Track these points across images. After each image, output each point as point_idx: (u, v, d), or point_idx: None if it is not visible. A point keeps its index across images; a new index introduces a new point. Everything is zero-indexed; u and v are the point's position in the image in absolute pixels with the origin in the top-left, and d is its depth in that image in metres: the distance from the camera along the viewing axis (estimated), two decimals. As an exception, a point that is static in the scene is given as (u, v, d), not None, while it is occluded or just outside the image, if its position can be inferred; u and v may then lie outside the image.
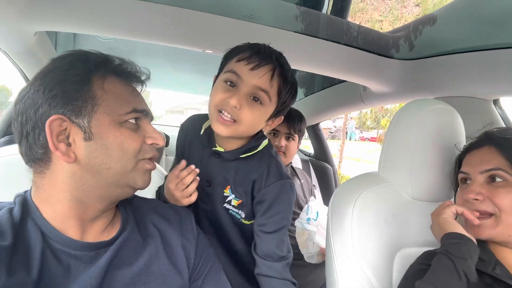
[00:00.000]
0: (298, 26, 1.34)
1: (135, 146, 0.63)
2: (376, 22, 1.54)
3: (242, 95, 0.85)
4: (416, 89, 1.49)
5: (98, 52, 0.64)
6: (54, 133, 0.57)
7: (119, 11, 1.11)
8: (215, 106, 0.88)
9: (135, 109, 0.64)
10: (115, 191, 0.64)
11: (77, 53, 0.63)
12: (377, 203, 0.97)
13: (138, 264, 0.65)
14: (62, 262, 0.58)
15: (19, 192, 0.63)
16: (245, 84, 0.86)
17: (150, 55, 2.07)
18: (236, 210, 0.98)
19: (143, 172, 0.66)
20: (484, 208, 0.75)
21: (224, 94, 0.86)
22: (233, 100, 0.84)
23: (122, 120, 0.62)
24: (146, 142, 0.65)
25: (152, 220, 0.73)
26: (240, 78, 0.86)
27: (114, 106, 0.61)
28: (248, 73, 0.86)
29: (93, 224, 0.64)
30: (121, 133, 0.61)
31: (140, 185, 0.66)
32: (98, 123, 0.59)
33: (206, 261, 0.77)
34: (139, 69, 0.69)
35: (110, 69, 0.64)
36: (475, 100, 1.31)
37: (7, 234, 0.54)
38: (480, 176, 0.77)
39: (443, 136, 0.95)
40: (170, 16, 1.14)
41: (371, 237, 0.94)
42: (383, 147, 1.04)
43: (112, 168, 0.61)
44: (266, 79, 0.86)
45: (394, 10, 1.62)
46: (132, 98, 0.65)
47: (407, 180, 0.97)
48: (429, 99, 1.01)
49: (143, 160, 0.65)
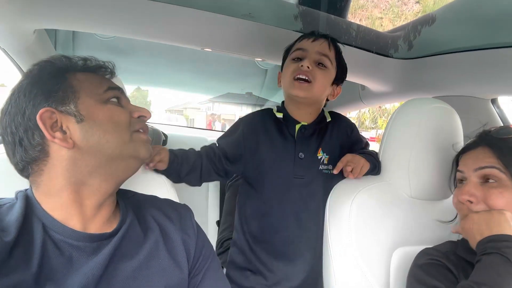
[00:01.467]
0: (297, 25, 1.34)
1: (124, 118, 0.67)
2: (376, 19, 1.55)
3: (311, 60, 1.06)
4: (414, 88, 1.50)
5: (61, 56, 0.68)
6: (47, 125, 0.59)
7: (118, 9, 1.11)
8: (291, 74, 1.07)
9: (110, 87, 0.68)
10: (120, 165, 0.66)
11: (42, 61, 0.67)
12: (375, 202, 0.97)
13: (138, 258, 0.65)
14: (64, 253, 0.58)
15: (20, 189, 0.63)
16: (310, 53, 1.07)
17: (150, 54, 2.08)
18: (326, 167, 1.13)
19: (141, 142, 0.69)
20: (476, 209, 0.75)
21: (296, 64, 1.07)
22: (305, 63, 1.05)
23: (104, 98, 0.66)
24: (133, 116, 0.69)
25: (151, 214, 0.74)
26: (304, 50, 1.08)
27: (92, 89, 0.65)
28: (310, 44, 1.08)
29: (97, 213, 0.64)
30: (108, 108, 0.65)
31: (144, 154, 0.69)
32: (84, 106, 0.63)
33: (205, 257, 0.77)
34: (102, 63, 0.72)
35: (78, 67, 0.68)
36: (473, 99, 1.32)
37: (11, 229, 0.54)
38: (474, 175, 0.77)
39: (441, 135, 0.95)
40: (169, 14, 1.14)
41: (369, 235, 0.95)
42: (381, 145, 1.05)
43: (111, 141, 0.63)
44: (325, 46, 1.08)
45: (394, 8, 1.63)
46: (104, 80, 0.70)
47: (405, 178, 0.98)
48: (428, 98, 1.02)
49: (136, 132, 0.69)
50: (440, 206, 1.01)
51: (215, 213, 2.06)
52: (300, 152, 1.11)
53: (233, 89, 3.15)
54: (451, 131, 0.96)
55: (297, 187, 1.11)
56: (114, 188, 0.67)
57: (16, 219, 0.56)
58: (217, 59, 2.16)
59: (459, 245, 0.81)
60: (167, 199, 0.83)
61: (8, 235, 0.53)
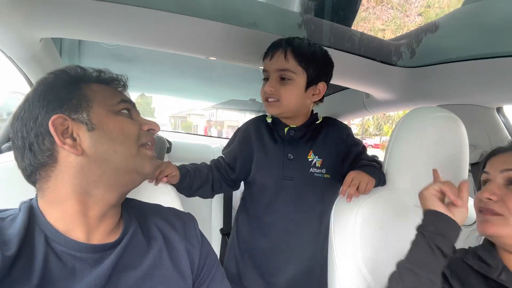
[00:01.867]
0: (301, 33, 1.35)
1: (134, 130, 0.68)
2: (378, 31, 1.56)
3: (272, 81, 1.09)
4: (419, 97, 1.49)
5: (76, 67, 0.70)
6: (58, 131, 0.60)
7: (123, 19, 1.12)
8: (262, 98, 1.13)
9: (123, 100, 0.69)
10: (124, 178, 0.66)
11: (57, 71, 0.68)
12: (380, 211, 0.96)
13: (142, 268, 0.65)
14: (66, 264, 0.57)
15: (24, 200, 0.63)
16: (270, 72, 1.09)
17: (153, 61, 2.09)
18: (319, 170, 1.13)
19: (147, 158, 0.70)
20: (495, 207, 0.74)
21: (263, 88, 1.11)
22: (267, 86, 1.09)
23: (116, 109, 0.67)
24: (142, 128, 0.71)
25: (155, 223, 0.74)
26: (266, 71, 1.11)
27: (105, 99, 0.67)
28: (269, 63, 1.10)
29: (100, 224, 0.64)
30: (119, 120, 0.66)
31: (148, 170, 0.70)
32: (96, 115, 0.64)
33: (210, 267, 0.77)
34: (115, 76, 0.74)
35: (92, 79, 0.70)
36: (479, 108, 1.31)
37: (12, 243, 0.54)
38: (499, 176, 0.77)
39: (447, 144, 0.95)
40: (174, 23, 1.15)
41: (374, 244, 0.94)
42: (386, 154, 1.04)
43: (119, 152, 0.64)
44: (281, 60, 1.07)
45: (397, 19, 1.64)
46: (117, 92, 0.71)
47: (411, 187, 0.97)
48: (432, 107, 1.01)
49: (143, 146, 0.70)
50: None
51: (218, 221, 2.05)
52: (289, 153, 1.13)
53: (236, 95, 3.16)
54: (457, 140, 0.96)
55: (288, 189, 1.12)
56: (117, 200, 0.67)
57: (18, 232, 0.55)
58: (220, 66, 2.17)
59: (469, 252, 0.80)
60: (171, 208, 0.83)
61: (9, 249, 0.53)
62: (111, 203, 0.66)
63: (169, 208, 0.82)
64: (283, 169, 1.12)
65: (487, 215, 0.76)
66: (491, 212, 0.75)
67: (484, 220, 0.76)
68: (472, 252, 0.80)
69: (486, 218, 0.75)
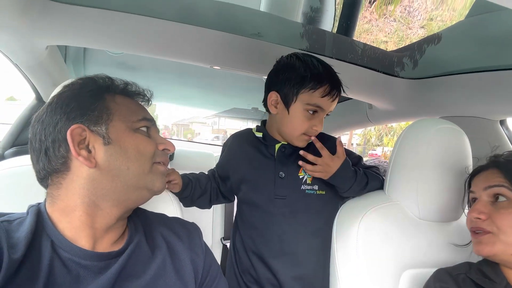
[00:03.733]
0: (304, 44, 1.36)
1: (150, 149, 0.68)
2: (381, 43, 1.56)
3: (322, 119, 1.05)
4: (422, 108, 1.49)
5: (105, 76, 0.71)
6: (75, 141, 0.60)
7: (128, 28, 1.13)
8: (301, 128, 1.04)
9: (145, 117, 0.70)
10: (133, 194, 0.66)
11: (86, 78, 0.69)
12: (383, 223, 0.96)
13: (145, 277, 0.65)
14: (71, 271, 0.57)
15: (32, 203, 0.64)
16: (324, 111, 1.04)
17: (157, 70, 2.10)
18: (310, 187, 1.10)
19: (159, 174, 0.70)
20: (484, 226, 0.76)
21: (309, 122, 1.03)
22: (319, 127, 1.03)
23: (135, 127, 0.67)
24: (158, 147, 0.70)
25: (160, 232, 0.74)
26: (322, 109, 1.03)
27: (127, 115, 0.67)
28: (328, 104, 1.03)
29: (105, 234, 0.64)
30: (136, 137, 0.66)
31: (158, 187, 0.69)
32: (115, 130, 0.64)
33: (212, 277, 0.77)
34: (141, 90, 0.75)
35: (118, 90, 0.70)
36: (482, 120, 1.31)
37: (19, 246, 0.54)
38: (484, 194, 0.79)
39: (450, 156, 0.94)
40: (179, 32, 1.16)
41: (377, 256, 0.93)
42: (389, 165, 1.04)
43: (131, 169, 0.64)
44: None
45: (399, 31, 1.64)
46: (140, 109, 0.72)
47: (414, 199, 0.96)
48: (436, 119, 1.01)
49: (157, 163, 0.69)
50: (450, 228, 1.00)
51: (220, 230, 2.04)
52: (280, 171, 1.10)
53: (239, 104, 3.17)
54: (460, 152, 0.95)
55: (280, 208, 1.09)
56: (124, 213, 0.68)
57: (25, 236, 0.55)
58: (223, 75, 2.18)
59: (472, 268, 0.81)
60: (176, 217, 0.83)
61: (16, 252, 0.53)
62: (118, 216, 0.66)
63: (173, 218, 0.82)
64: (275, 188, 1.09)
65: (479, 237, 0.77)
66: (482, 231, 0.76)
67: (478, 241, 0.77)
68: (476, 267, 0.81)
69: (479, 239, 0.77)
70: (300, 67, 1.02)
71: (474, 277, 0.77)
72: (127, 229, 0.70)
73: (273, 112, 1.08)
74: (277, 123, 1.09)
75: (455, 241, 0.94)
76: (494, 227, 0.74)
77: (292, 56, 1.07)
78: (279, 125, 1.09)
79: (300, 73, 1.01)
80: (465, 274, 0.79)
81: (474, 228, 0.78)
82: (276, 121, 1.10)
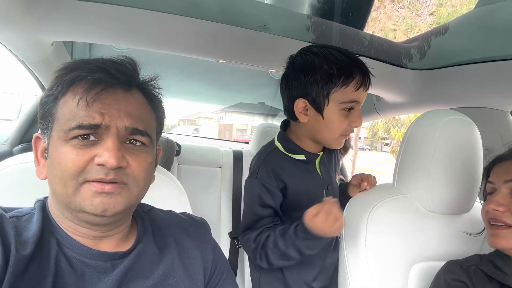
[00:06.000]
0: (310, 36, 1.34)
1: (73, 166, 0.53)
2: (389, 31, 1.53)
3: (359, 113, 0.98)
4: (431, 100, 1.47)
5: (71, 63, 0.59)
6: (38, 150, 0.60)
7: (133, 22, 1.13)
8: (341, 133, 0.98)
9: (80, 125, 0.54)
10: (77, 216, 0.56)
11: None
12: (392, 216, 0.95)
13: (153, 277, 0.63)
14: (76, 270, 0.56)
15: (39, 198, 0.63)
16: (360, 104, 0.97)
17: (163, 65, 2.10)
18: (339, 182, 1.16)
19: (90, 195, 0.54)
20: (504, 219, 0.74)
21: (347, 120, 0.96)
22: (358, 122, 0.97)
23: (67, 137, 0.54)
24: (94, 161, 0.54)
25: (170, 230, 0.72)
26: (358, 102, 0.96)
27: (64, 121, 0.55)
28: (364, 95, 0.97)
29: (104, 237, 0.61)
30: (63, 150, 0.54)
31: (90, 210, 0.54)
32: (52, 141, 0.56)
33: (220, 272, 0.76)
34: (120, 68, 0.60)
35: (72, 82, 0.58)
36: (492, 111, 1.29)
37: (28, 244, 0.53)
38: (504, 187, 0.76)
39: (460, 147, 0.93)
40: (184, 26, 1.16)
41: (386, 249, 0.92)
42: (398, 158, 1.02)
43: (57, 190, 0.56)
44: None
45: (408, 19, 1.60)
46: (84, 110, 0.55)
47: (424, 192, 0.95)
48: (445, 110, 1.00)
49: (87, 182, 0.54)
50: (460, 220, 0.98)
51: (227, 224, 2.05)
52: (328, 185, 1.08)
53: (245, 99, 3.16)
54: (470, 143, 0.94)
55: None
56: (102, 228, 0.60)
57: (34, 234, 0.54)
58: (229, 70, 2.17)
59: (483, 259, 0.80)
60: (185, 213, 0.82)
61: (25, 249, 0.52)
62: (104, 229, 0.60)
63: (182, 214, 0.81)
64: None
65: (497, 229, 0.75)
66: (500, 224, 0.75)
67: (494, 234, 0.76)
68: (487, 259, 0.80)
69: (496, 232, 0.75)
70: (322, 64, 0.92)
71: (485, 268, 0.77)
72: (135, 229, 0.68)
73: (303, 120, 0.99)
74: (310, 130, 1.01)
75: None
76: None
77: (306, 53, 0.97)
78: (314, 133, 1.01)
79: (325, 70, 0.92)
80: (476, 265, 0.78)
81: (492, 219, 0.76)
82: (309, 129, 1.01)
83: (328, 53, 0.94)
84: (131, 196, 0.58)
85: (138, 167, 0.58)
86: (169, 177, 0.98)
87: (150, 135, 0.61)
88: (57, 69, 0.58)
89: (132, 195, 0.58)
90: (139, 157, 0.58)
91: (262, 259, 0.99)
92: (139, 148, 0.59)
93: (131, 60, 0.64)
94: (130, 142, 0.58)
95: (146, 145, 0.60)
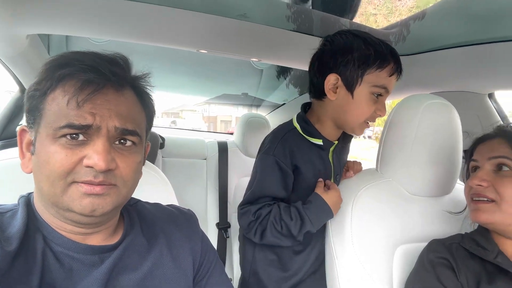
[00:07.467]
0: (290, 24, 1.34)
1: (62, 166, 0.52)
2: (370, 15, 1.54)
3: (385, 102, 0.99)
4: (411, 85, 1.49)
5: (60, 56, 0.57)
6: (23, 142, 0.58)
7: (111, 13, 1.10)
8: (366, 118, 0.98)
9: (70, 125, 0.53)
10: (64, 214, 0.56)
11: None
12: (376, 200, 0.97)
13: (142, 269, 0.63)
14: (64, 265, 0.56)
15: (23, 194, 0.61)
16: (388, 93, 0.98)
17: (144, 57, 2.06)
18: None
19: (78, 196, 0.53)
20: (486, 193, 0.77)
21: (374, 106, 0.97)
22: (383, 111, 0.98)
23: (56, 135, 0.53)
24: (83, 162, 0.53)
25: (157, 222, 0.72)
26: (387, 90, 0.97)
27: (53, 117, 0.54)
28: (393, 85, 0.99)
29: (93, 233, 0.61)
30: (51, 149, 0.53)
31: (78, 211, 0.53)
32: (40, 137, 0.55)
33: (209, 262, 0.76)
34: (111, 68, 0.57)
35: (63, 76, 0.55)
36: (470, 94, 1.32)
37: (13, 240, 0.52)
38: (487, 164, 0.79)
39: (441, 131, 0.95)
40: (163, 16, 1.13)
41: (371, 233, 0.94)
42: (381, 143, 1.04)
43: (44, 188, 0.55)
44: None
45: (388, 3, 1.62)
46: (74, 110, 0.53)
47: (406, 175, 0.97)
48: (426, 94, 1.01)
49: (75, 183, 0.53)
50: (442, 202, 1.01)
51: (214, 215, 2.05)
52: (337, 175, 1.10)
53: (229, 90, 3.14)
54: (450, 127, 0.96)
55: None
56: (89, 226, 0.59)
57: (19, 230, 0.53)
58: (212, 61, 2.15)
59: (465, 237, 0.83)
60: (172, 205, 0.82)
61: (10, 245, 0.51)
62: (89, 226, 0.59)
63: (169, 206, 0.81)
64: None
65: (478, 204, 0.78)
66: (482, 199, 0.77)
67: (476, 208, 0.78)
68: (468, 237, 0.83)
69: (478, 206, 0.78)
70: (361, 45, 0.94)
71: (467, 246, 0.79)
72: (122, 223, 0.68)
73: (331, 98, 0.98)
74: (335, 110, 1.00)
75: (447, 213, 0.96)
76: (497, 195, 0.75)
77: (346, 34, 0.98)
78: (338, 113, 1.00)
79: (363, 52, 0.93)
80: (458, 243, 0.81)
81: (475, 195, 0.79)
82: (333, 108, 1.00)
83: (368, 37, 0.96)
84: (120, 196, 0.58)
85: (126, 168, 0.57)
86: (154, 170, 0.97)
87: (139, 134, 0.60)
88: (47, 61, 0.57)
89: (121, 195, 0.58)
90: (128, 158, 0.58)
91: (256, 233, 1.00)
92: (128, 149, 0.58)
93: (123, 57, 0.62)
94: (119, 142, 0.58)
95: (136, 144, 0.60)
